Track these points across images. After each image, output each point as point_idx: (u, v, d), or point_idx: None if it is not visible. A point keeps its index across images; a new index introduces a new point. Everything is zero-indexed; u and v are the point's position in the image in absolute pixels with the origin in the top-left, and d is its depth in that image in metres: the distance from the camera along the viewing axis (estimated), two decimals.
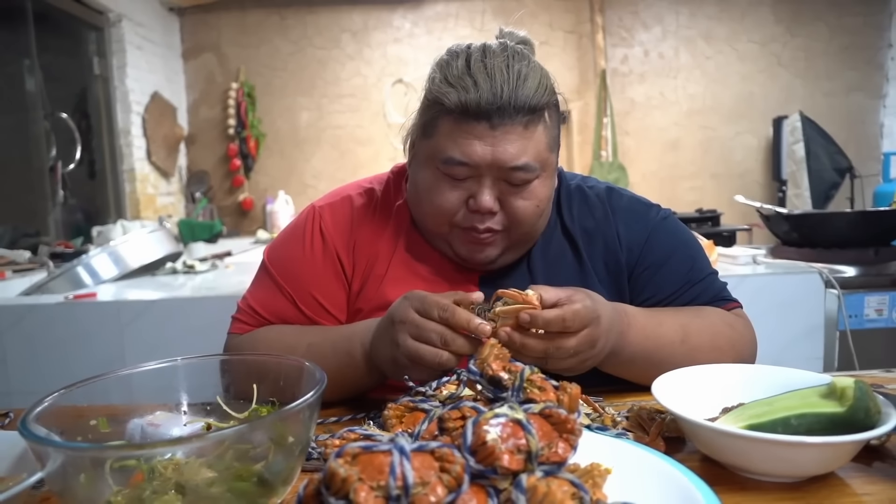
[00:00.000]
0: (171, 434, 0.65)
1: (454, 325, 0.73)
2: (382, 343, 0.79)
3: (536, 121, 0.85)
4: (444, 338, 0.72)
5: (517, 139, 0.84)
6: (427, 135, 0.89)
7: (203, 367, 0.69)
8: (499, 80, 0.82)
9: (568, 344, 0.73)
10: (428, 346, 0.73)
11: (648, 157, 4.53)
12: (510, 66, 0.83)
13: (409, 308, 0.75)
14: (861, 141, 4.38)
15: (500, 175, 0.86)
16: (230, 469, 0.53)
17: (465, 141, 0.84)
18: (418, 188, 0.92)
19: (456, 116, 0.84)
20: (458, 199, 0.88)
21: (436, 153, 0.87)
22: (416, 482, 0.43)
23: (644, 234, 0.98)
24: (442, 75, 0.86)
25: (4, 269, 2.48)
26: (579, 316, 0.72)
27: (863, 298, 2.02)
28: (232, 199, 4.59)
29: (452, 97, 0.83)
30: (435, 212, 0.90)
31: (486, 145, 0.83)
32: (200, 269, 2.62)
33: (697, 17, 4.44)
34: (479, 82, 0.82)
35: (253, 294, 1.02)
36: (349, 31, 4.49)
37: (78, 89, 3.70)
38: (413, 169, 0.95)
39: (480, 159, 0.84)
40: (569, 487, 0.46)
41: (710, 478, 0.55)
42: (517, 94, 0.82)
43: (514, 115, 0.83)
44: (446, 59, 0.88)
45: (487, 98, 0.81)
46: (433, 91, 0.86)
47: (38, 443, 0.49)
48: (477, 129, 0.83)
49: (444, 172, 0.87)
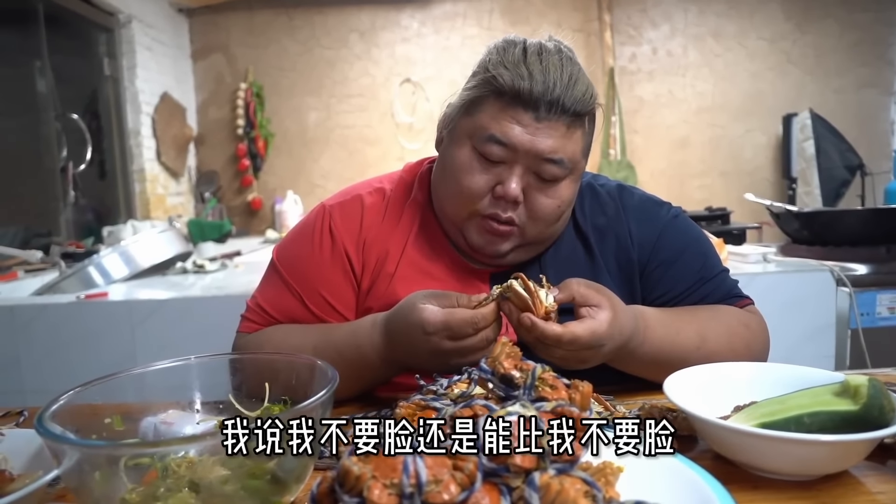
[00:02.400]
0: (185, 432, 0.65)
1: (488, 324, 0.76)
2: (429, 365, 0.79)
3: (578, 124, 0.87)
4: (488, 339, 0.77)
5: (558, 136, 0.85)
6: (470, 112, 0.89)
7: (215, 365, 0.69)
8: (553, 75, 0.83)
9: (561, 357, 0.76)
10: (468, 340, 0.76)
11: (657, 155, 4.51)
12: (564, 67, 0.85)
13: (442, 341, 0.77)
14: (872, 138, 4.34)
15: (532, 166, 0.86)
16: (243, 467, 0.54)
17: (508, 124, 0.85)
18: (449, 165, 0.92)
19: (506, 100, 0.85)
20: (485, 184, 0.88)
21: (476, 130, 0.87)
22: (430, 480, 0.43)
23: (655, 231, 0.98)
24: (499, 58, 0.87)
25: (17, 270, 2.51)
26: (577, 343, 0.74)
27: (875, 296, 2.00)
28: (241, 199, 4.61)
29: (507, 79, 0.84)
30: (461, 193, 0.89)
31: (527, 133, 0.84)
32: (210, 268, 2.63)
33: (706, 15, 4.42)
34: (535, 73, 0.83)
35: (262, 293, 1.02)
36: (357, 31, 4.50)
37: (88, 90, 3.73)
38: (446, 148, 0.95)
39: (519, 143, 0.84)
40: (581, 485, 0.46)
41: (723, 476, 0.55)
42: (567, 94, 0.84)
43: (560, 114, 0.84)
44: (503, 44, 0.89)
45: (540, 90, 0.83)
46: (489, 70, 0.87)
47: (55, 440, 0.50)
48: (523, 117, 0.84)
49: (479, 151, 0.87)
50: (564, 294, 0.76)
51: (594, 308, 0.76)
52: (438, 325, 0.76)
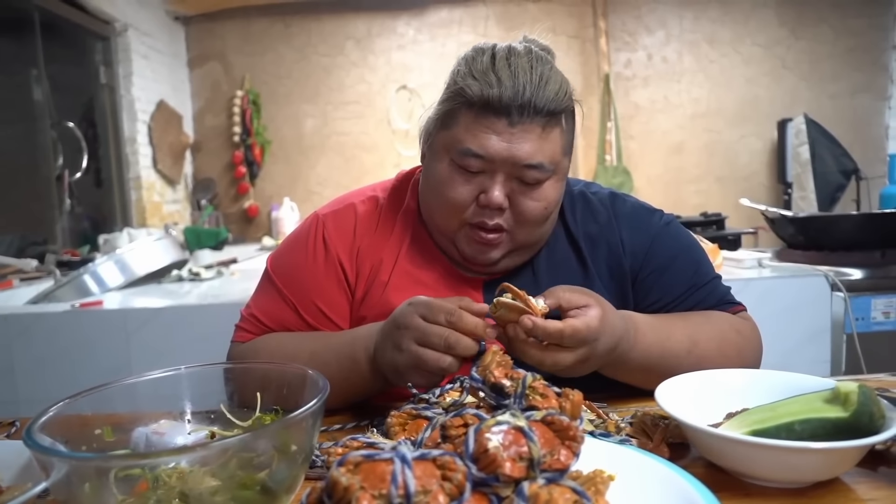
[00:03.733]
0: (176, 443, 0.65)
1: (461, 330, 0.72)
2: (385, 348, 0.79)
3: (554, 124, 0.87)
4: (447, 341, 0.72)
5: (534, 139, 0.85)
6: (446, 126, 0.89)
7: (207, 375, 0.69)
8: (522, 79, 0.83)
9: (565, 359, 0.74)
10: (431, 351, 0.73)
11: (653, 160, 4.52)
12: (534, 68, 0.85)
13: (413, 314, 0.75)
14: (867, 143, 4.36)
15: (513, 172, 0.86)
16: (234, 477, 0.53)
17: (483, 134, 0.85)
18: (432, 180, 0.92)
19: (477, 110, 0.85)
20: (469, 194, 0.88)
21: (453, 144, 0.87)
22: (418, 490, 0.43)
23: (647, 239, 0.98)
24: (467, 68, 0.87)
25: (12, 278, 2.50)
26: (578, 336, 0.73)
27: (869, 301, 2.01)
28: (237, 207, 4.61)
29: (475, 90, 0.84)
30: (446, 205, 0.90)
31: (502, 141, 0.84)
32: (206, 276, 2.63)
33: (701, 21, 4.44)
34: (503, 79, 0.83)
35: (256, 302, 1.02)
36: (353, 39, 4.51)
37: (84, 98, 3.73)
38: (427, 162, 0.95)
39: (496, 153, 0.84)
40: (571, 495, 0.46)
41: (715, 484, 0.55)
42: (538, 96, 0.83)
43: (533, 116, 0.84)
44: (472, 54, 0.89)
45: (509, 95, 0.83)
46: (457, 82, 0.87)
47: (43, 453, 0.49)
48: (496, 125, 0.84)
49: (458, 164, 0.87)
50: (552, 300, 0.75)
51: (583, 308, 0.76)
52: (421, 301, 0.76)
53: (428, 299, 0.76)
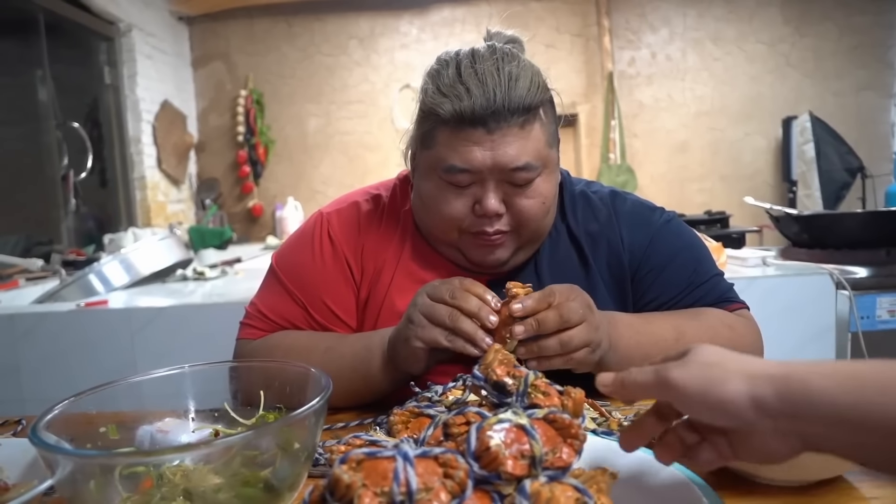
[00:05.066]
0: (180, 441, 0.65)
1: (464, 310, 0.77)
2: (398, 331, 0.83)
3: (532, 119, 0.85)
4: (452, 316, 0.77)
5: (515, 140, 0.84)
6: (426, 146, 0.89)
7: (211, 373, 0.69)
8: (490, 84, 0.82)
9: (576, 336, 0.75)
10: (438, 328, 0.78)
11: (657, 159, 4.51)
12: (500, 69, 0.83)
13: (422, 293, 0.81)
14: (872, 140, 4.34)
15: (502, 177, 0.86)
16: (237, 475, 0.54)
17: (464, 148, 0.84)
18: (423, 199, 0.92)
19: (452, 126, 0.84)
20: (464, 207, 0.88)
21: (437, 163, 0.87)
22: (420, 488, 0.43)
23: (647, 237, 0.98)
24: (434, 86, 0.86)
25: (18, 278, 2.51)
26: (573, 309, 0.75)
27: (875, 299, 1.99)
28: (241, 206, 4.62)
29: (447, 107, 0.83)
30: (442, 221, 0.90)
31: (485, 150, 0.83)
32: (210, 275, 2.63)
33: (705, 19, 4.43)
34: (472, 89, 0.82)
35: (262, 299, 1.02)
36: (356, 38, 4.52)
37: (89, 99, 3.75)
38: (416, 180, 0.95)
39: (481, 164, 0.84)
40: (573, 493, 0.46)
41: (717, 483, 0.55)
42: (510, 96, 0.82)
43: (509, 118, 0.83)
44: (436, 68, 0.88)
45: (481, 104, 0.81)
46: (427, 103, 0.86)
47: (48, 450, 0.50)
48: (474, 136, 0.83)
49: (447, 181, 0.87)
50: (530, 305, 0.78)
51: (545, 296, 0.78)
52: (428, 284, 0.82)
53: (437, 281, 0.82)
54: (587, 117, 4.43)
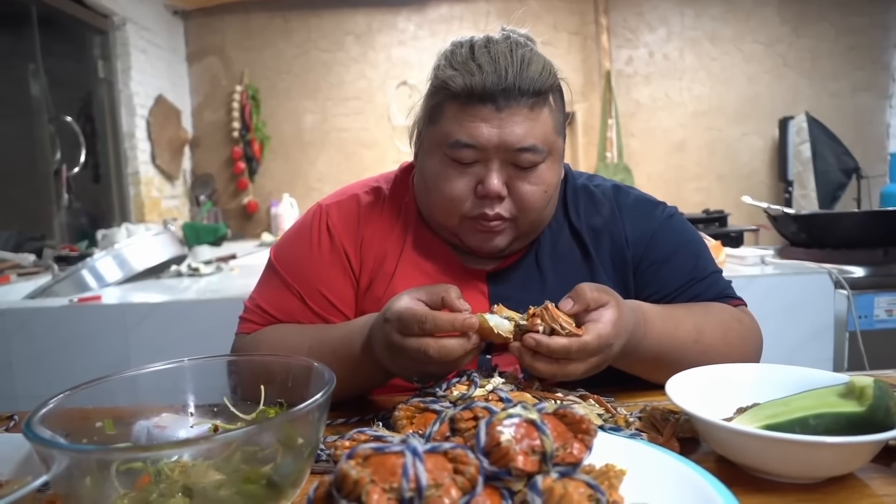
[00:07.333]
0: (178, 436, 0.64)
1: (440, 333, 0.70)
2: (389, 363, 0.77)
3: (542, 104, 0.86)
4: (427, 354, 0.69)
5: (523, 121, 0.84)
6: (433, 121, 0.89)
7: (210, 368, 0.68)
8: (503, 63, 0.82)
9: (576, 370, 0.72)
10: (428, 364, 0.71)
11: (654, 158, 4.51)
12: (513, 52, 0.84)
13: (391, 332, 0.73)
14: (868, 141, 4.36)
15: (507, 158, 0.85)
16: (238, 471, 0.52)
17: (471, 124, 0.84)
18: (426, 178, 0.91)
19: (462, 100, 0.84)
20: (466, 186, 0.87)
21: (443, 138, 0.86)
22: (430, 484, 0.42)
23: (650, 231, 0.97)
24: (446, 62, 0.87)
25: (9, 273, 2.49)
26: (587, 349, 0.70)
27: (872, 299, 2.00)
28: (236, 202, 4.59)
29: (458, 81, 0.83)
30: (444, 201, 0.89)
31: (492, 127, 0.83)
32: (205, 272, 2.61)
33: (703, 19, 4.43)
34: (484, 66, 0.83)
35: (260, 293, 1.01)
36: (353, 34, 4.50)
37: (83, 93, 3.71)
38: (420, 160, 0.95)
39: (487, 141, 0.83)
40: (585, 489, 0.45)
41: (726, 479, 0.54)
42: (521, 77, 0.82)
43: (519, 98, 0.83)
44: (450, 48, 0.89)
45: (493, 80, 0.82)
46: (438, 77, 0.87)
47: (43, 445, 0.48)
48: (483, 112, 0.83)
49: (451, 158, 0.86)
50: (580, 304, 0.73)
51: (600, 309, 0.74)
52: (394, 313, 0.72)
53: (400, 310, 0.72)
54: (585, 116, 4.42)
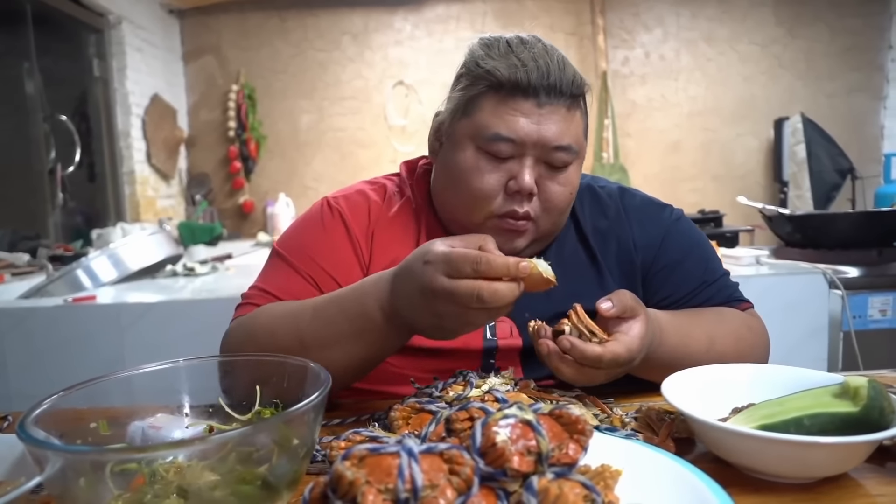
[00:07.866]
0: (173, 437, 0.63)
1: (491, 276, 0.65)
2: (419, 314, 0.69)
3: (577, 105, 0.87)
4: (481, 297, 0.64)
5: (561, 120, 0.84)
6: (467, 113, 0.87)
7: (205, 368, 0.68)
8: (544, 60, 0.83)
9: (597, 378, 0.73)
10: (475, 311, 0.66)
11: (650, 158, 4.52)
12: (550, 53, 0.85)
13: (435, 274, 0.66)
14: (862, 142, 4.37)
15: (541, 155, 0.85)
16: (233, 472, 0.52)
17: (511, 117, 0.83)
18: (454, 171, 0.88)
19: (504, 92, 0.83)
20: (497, 182, 0.85)
21: (479, 130, 0.85)
22: (426, 485, 0.42)
23: (659, 234, 0.97)
24: (486, 52, 0.86)
25: (3, 272, 2.47)
26: (618, 360, 0.70)
27: (867, 299, 2.01)
28: (232, 202, 4.58)
29: (504, 71, 0.83)
30: (472, 196, 0.86)
31: (532, 123, 0.83)
32: (201, 271, 2.61)
33: (698, 19, 4.44)
34: (526, 61, 0.83)
35: (264, 280, 0.96)
36: (350, 34, 4.49)
37: (78, 92, 3.69)
38: (445, 154, 0.91)
39: (526, 136, 0.83)
40: (580, 489, 0.45)
41: (722, 479, 0.54)
42: (562, 78, 0.83)
43: (559, 96, 0.84)
44: (486, 41, 0.88)
45: (536, 76, 0.82)
46: (481, 66, 0.85)
47: (37, 446, 0.48)
48: (524, 106, 0.83)
49: (486, 151, 0.85)
50: (618, 307, 0.73)
51: (630, 321, 0.73)
52: (439, 255, 0.66)
53: (446, 251, 0.66)
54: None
